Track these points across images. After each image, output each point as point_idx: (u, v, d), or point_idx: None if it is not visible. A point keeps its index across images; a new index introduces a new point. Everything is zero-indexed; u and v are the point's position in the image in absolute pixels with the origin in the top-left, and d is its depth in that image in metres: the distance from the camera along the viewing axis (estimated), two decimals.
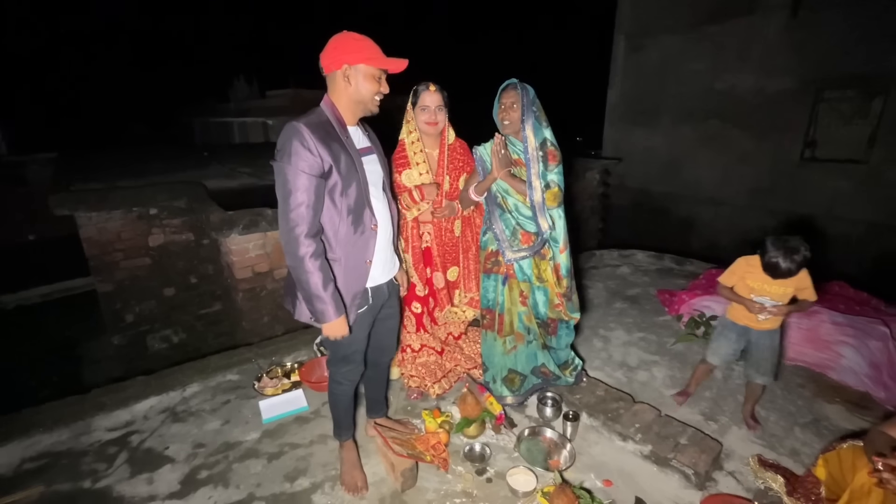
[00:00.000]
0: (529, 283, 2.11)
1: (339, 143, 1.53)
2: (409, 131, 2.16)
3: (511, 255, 2.05)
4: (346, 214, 1.55)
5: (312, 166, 1.46)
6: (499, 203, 2.07)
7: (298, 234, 1.46)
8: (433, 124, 2.09)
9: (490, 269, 2.15)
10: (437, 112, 2.08)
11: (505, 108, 2.00)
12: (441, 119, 2.10)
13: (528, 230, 2.05)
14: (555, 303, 2.13)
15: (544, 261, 2.10)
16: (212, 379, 2.56)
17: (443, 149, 2.19)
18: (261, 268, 3.30)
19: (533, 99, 1.98)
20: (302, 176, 1.45)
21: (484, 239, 2.17)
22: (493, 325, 2.17)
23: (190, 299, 4.09)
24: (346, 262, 1.58)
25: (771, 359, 2.07)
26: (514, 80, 2.02)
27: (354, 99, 1.57)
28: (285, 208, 1.46)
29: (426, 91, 2.08)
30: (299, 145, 1.45)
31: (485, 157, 2.08)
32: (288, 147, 1.45)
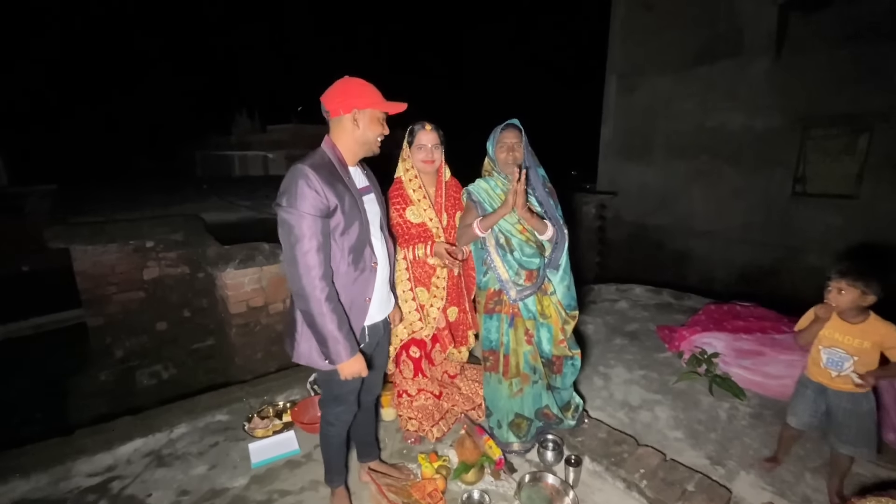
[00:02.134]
0: (534, 321, 2.09)
1: (342, 183, 1.55)
2: (405, 169, 2.18)
3: (516, 294, 2.04)
4: (347, 253, 1.56)
5: (319, 207, 1.47)
6: (501, 244, 2.06)
7: (313, 278, 1.46)
8: (430, 163, 2.11)
9: (492, 309, 2.12)
10: (433, 150, 2.11)
11: (507, 146, 2.03)
12: (438, 157, 2.12)
13: (530, 268, 2.05)
14: (559, 339, 2.11)
15: (546, 296, 2.09)
16: (200, 419, 2.46)
17: (440, 186, 2.21)
18: (256, 302, 3.26)
19: (527, 140, 2.03)
20: (309, 219, 1.46)
21: (484, 279, 2.15)
22: (498, 367, 2.13)
23: (182, 333, 4.01)
24: (345, 301, 1.58)
25: (856, 425, 1.75)
26: (514, 121, 2.06)
27: (360, 141, 1.62)
28: (295, 254, 1.46)
29: (422, 130, 2.10)
30: (305, 186, 1.46)
31: (481, 195, 2.09)
32: (294, 189, 1.46)
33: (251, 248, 3.09)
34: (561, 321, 2.09)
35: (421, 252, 2.12)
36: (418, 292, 2.19)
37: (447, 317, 2.28)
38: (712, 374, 2.72)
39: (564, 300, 2.11)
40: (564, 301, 2.11)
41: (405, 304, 2.16)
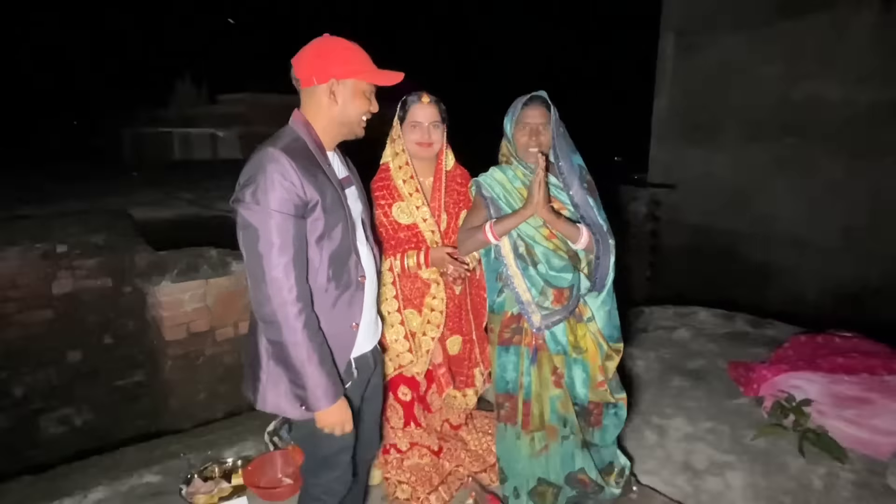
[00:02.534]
0: (565, 356, 2.08)
1: (322, 172, 1.55)
2: (394, 153, 2.19)
3: (541, 320, 2.03)
4: (328, 264, 1.56)
5: (295, 204, 1.46)
6: (521, 253, 2.06)
7: (287, 299, 1.45)
8: (426, 145, 2.11)
9: (509, 339, 2.12)
10: (431, 130, 2.11)
11: (530, 128, 2.03)
12: (436, 139, 2.13)
13: (559, 286, 2.04)
14: (598, 380, 2.09)
15: (581, 323, 2.08)
16: (124, 481, 2.46)
17: (439, 176, 2.21)
18: (198, 326, 3.28)
19: (558, 118, 2.03)
20: (281, 219, 1.44)
21: (498, 300, 2.15)
22: (515, 417, 2.13)
23: (102, 366, 4.02)
24: (326, 327, 1.58)
25: None
26: (541, 93, 2.06)
27: (339, 120, 1.61)
28: (262, 268, 1.44)
29: (417, 103, 2.11)
30: (279, 178, 1.44)
31: (494, 189, 2.09)
32: (261, 180, 1.44)
33: (194, 255, 3.11)
34: (601, 356, 2.08)
35: (412, 262, 2.12)
36: (407, 315, 2.19)
37: (446, 349, 2.28)
38: (803, 427, 2.69)
39: (605, 329, 2.10)
40: (606, 330, 2.10)
41: (390, 330, 2.16)
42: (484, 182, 2.12)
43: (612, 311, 2.13)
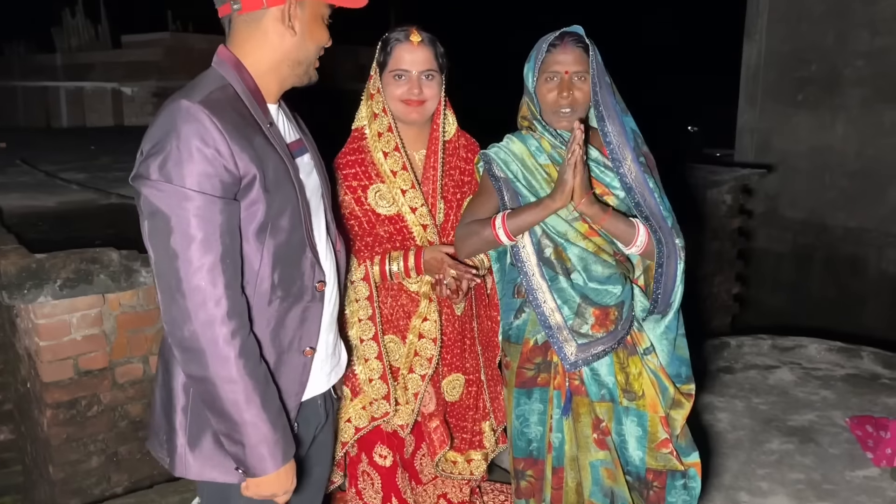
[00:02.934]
0: (611, 403, 2.09)
1: (261, 134, 1.55)
2: (371, 114, 2.21)
3: (576, 352, 2.04)
4: (272, 265, 1.57)
5: (222, 180, 1.44)
6: (548, 257, 2.06)
7: (215, 316, 1.44)
8: (416, 104, 2.13)
9: (532, 379, 2.13)
10: (422, 82, 2.12)
11: (560, 79, 2.02)
12: (430, 94, 2.14)
13: (603, 303, 2.05)
14: (660, 438, 2.10)
15: (635, 357, 2.09)
16: None
17: (434, 148, 2.22)
18: (91, 361, 3.27)
19: (602, 63, 2.03)
20: (204, 203, 1.42)
21: (516, 323, 2.16)
22: (542, 492, 2.14)
23: None
24: (268, 356, 1.59)
25: None
26: (576, 28, 2.05)
27: (295, 57, 1.62)
28: (177, 271, 1.43)
29: (404, 43, 2.12)
30: (197, 143, 1.42)
31: (510, 167, 2.10)
32: (173, 148, 1.42)
33: (86, 260, 3.10)
34: (664, 404, 2.09)
35: (396, 267, 2.13)
36: (388, 345, 2.20)
37: (441, 393, 2.28)
38: None
39: (671, 365, 2.11)
40: (671, 367, 2.11)
41: (363, 366, 2.17)
42: (495, 157, 2.11)
43: (680, 341, 2.14)
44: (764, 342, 4.38)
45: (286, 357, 1.62)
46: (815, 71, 7.09)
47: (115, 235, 3.60)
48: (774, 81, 7.44)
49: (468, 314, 2.32)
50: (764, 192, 7.22)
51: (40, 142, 8.41)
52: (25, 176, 5.53)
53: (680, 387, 2.12)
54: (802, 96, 7.23)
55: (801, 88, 7.23)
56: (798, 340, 4.37)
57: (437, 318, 2.21)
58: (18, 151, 6.80)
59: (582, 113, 2.06)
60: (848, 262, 6.97)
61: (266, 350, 1.57)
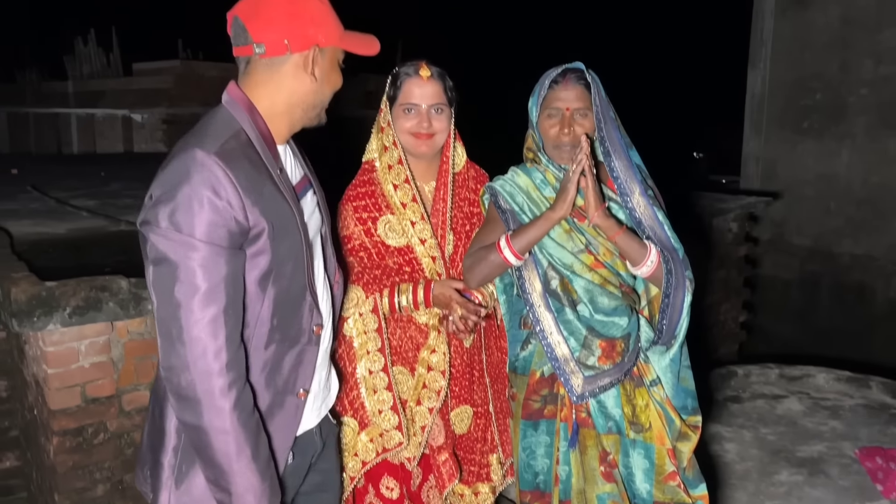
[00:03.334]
0: (618, 436, 2.09)
1: (271, 184, 1.55)
2: (382, 147, 2.23)
3: (583, 385, 2.04)
4: (272, 312, 1.58)
5: (231, 232, 1.45)
6: (554, 289, 2.08)
7: (213, 368, 1.44)
8: (425, 138, 2.16)
9: (538, 411, 2.13)
10: (432, 116, 2.15)
11: (562, 116, 2.05)
12: (440, 128, 2.17)
13: (609, 335, 2.05)
14: (667, 470, 2.09)
15: (642, 388, 2.09)
16: None
17: (444, 180, 2.24)
18: (99, 389, 3.27)
19: (607, 99, 2.06)
20: (211, 254, 1.42)
21: (522, 354, 2.17)
22: None
23: None
24: (263, 397, 1.60)
25: None
26: (578, 65, 2.08)
27: (309, 102, 1.64)
28: (179, 320, 1.43)
29: (413, 78, 2.15)
30: (209, 194, 1.42)
31: (515, 199, 2.12)
32: (184, 197, 1.42)
33: (95, 288, 3.11)
34: (671, 436, 2.08)
35: (405, 300, 2.14)
36: (396, 375, 2.20)
37: (450, 426, 2.27)
38: None
39: (676, 397, 2.11)
40: (676, 399, 2.11)
41: (372, 398, 2.16)
42: (501, 190, 2.13)
43: (684, 372, 2.13)
44: (771, 371, 4.37)
45: (280, 399, 1.63)
46: (820, 99, 7.12)
47: (125, 262, 3.61)
48: (779, 109, 7.46)
49: (477, 346, 2.31)
50: (770, 219, 7.22)
51: (51, 168, 8.46)
52: (36, 202, 5.56)
53: (686, 419, 2.12)
54: (807, 124, 7.25)
55: (806, 116, 7.25)
56: (806, 370, 4.35)
57: (446, 350, 2.21)
58: (30, 178, 6.84)
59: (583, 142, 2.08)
60: (855, 289, 6.94)
61: (261, 392, 1.58)
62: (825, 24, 7.05)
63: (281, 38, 1.54)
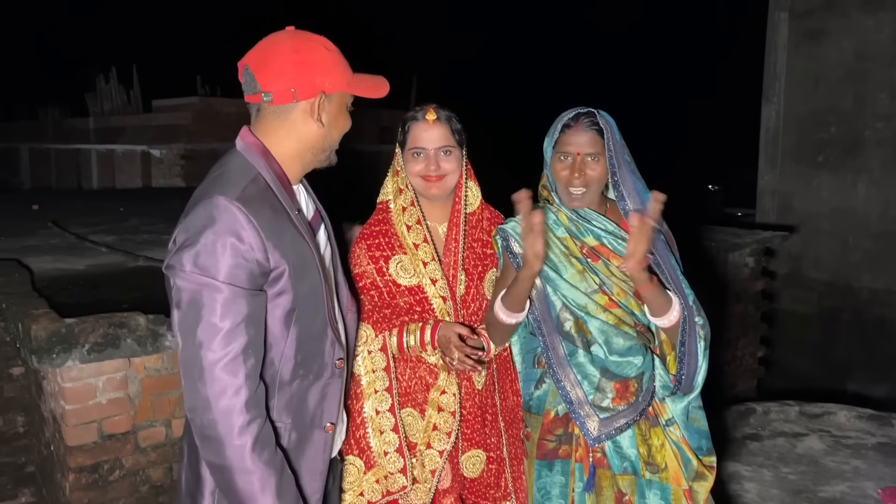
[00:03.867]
0: (634, 477, 2.07)
1: (291, 226, 1.60)
2: (397, 189, 2.25)
3: (598, 427, 2.03)
4: (296, 348, 1.62)
5: (252, 274, 1.50)
6: (567, 331, 2.08)
7: (234, 406, 1.47)
8: (435, 179, 2.16)
9: (553, 451, 2.12)
10: (440, 158, 2.16)
11: (573, 161, 2.05)
12: (449, 169, 2.17)
13: (624, 375, 2.05)
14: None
15: (657, 428, 2.08)
16: None
17: (455, 220, 2.24)
18: (115, 425, 3.27)
19: (622, 143, 2.06)
20: (233, 296, 1.47)
21: (537, 394, 2.16)
22: None
23: None
24: (291, 433, 1.64)
25: None
26: (589, 110, 2.08)
27: (321, 146, 1.69)
28: (200, 360, 1.47)
29: (420, 122, 2.16)
30: (232, 239, 1.48)
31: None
32: (208, 242, 1.47)
33: (113, 324, 3.13)
34: (687, 476, 2.06)
35: (413, 340, 2.13)
36: (405, 418, 2.18)
37: (458, 468, 2.23)
38: None
39: (692, 437, 2.09)
40: (692, 438, 2.09)
41: (378, 438, 2.14)
42: (512, 232, 2.13)
43: (694, 413, 2.12)
44: (791, 408, 4.31)
45: (308, 434, 1.66)
46: (835, 133, 7.11)
47: (142, 299, 3.64)
48: (794, 143, 7.45)
49: (490, 388, 2.28)
50: (787, 253, 7.17)
51: (72, 203, 8.55)
52: (57, 238, 5.62)
53: (704, 458, 2.10)
54: (823, 158, 7.23)
55: (821, 150, 7.24)
56: (826, 407, 4.29)
57: (457, 392, 2.19)
58: (51, 213, 6.93)
59: (596, 192, 2.09)
60: (875, 324, 6.87)
61: (288, 428, 1.62)
62: (839, 59, 7.07)
63: (288, 87, 1.59)
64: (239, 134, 1.68)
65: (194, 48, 25.17)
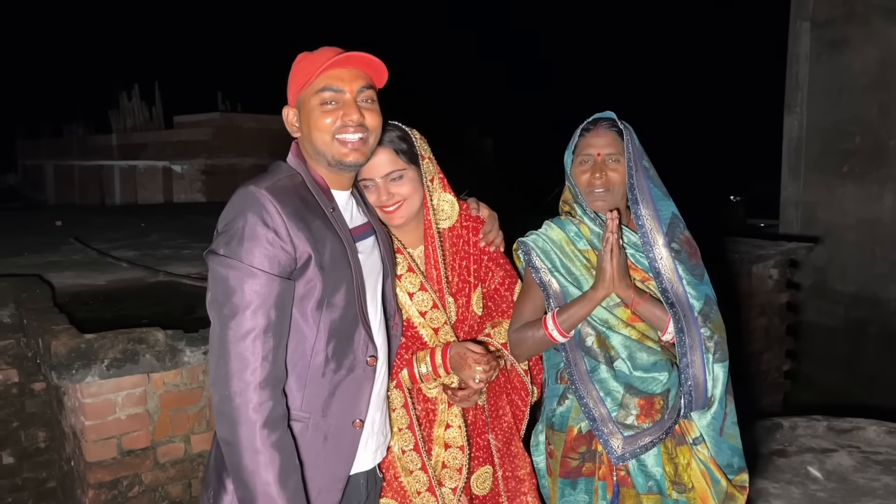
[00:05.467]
0: (660, 496, 2.05)
1: (321, 219, 1.69)
2: None
3: (622, 445, 2.02)
4: (327, 338, 1.68)
5: (279, 260, 1.59)
6: (590, 347, 2.06)
7: (249, 383, 1.54)
8: (393, 209, 2.05)
9: (577, 469, 2.11)
10: (389, 185, 2.04)
11: (593, 161, 2.05)
12: (405, 193, 2.06)
13: (649, 392, 2.03)
14: None
15: (684, 446, 2.06)
16: None
17: (430, 243, 2.14)
18: (135, 441, 3.28)
19: (641, 149, 2.07)
20: (262, 279, 1.57)
21: (559, 410, 2.15)
22: None
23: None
24: (318, 427, 1.68)
25: None
26: (609, 114, 2.10)
27: (310, 150, 1.79)
28: (225, 336, 1.57)
29: None
30: (259, 224, 1.59)
31: (549, 256, 2.11)
32: (240, 228, 1.60)
33: (133, 340, 3.14)
34: (715, 497, 2.03)
35: (425, 368, 2.07)
36: None
37: (470, 490, 2.19)
38: None
39: (721, 454, 2.06)
40: (721, 456, 2.06)
41: (408, 478, 2.10)
42: (534, 245, 2.12)
43: (730, 428, 2.08)
44: (819, 424, 4.25)
45: (336, 429, 1.70)
46: (860, 143, 7.04)
47: (161, 314, 3.66)
48: (817, 153, 7.40)
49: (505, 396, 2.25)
50: (812, 264, 7.11)
51: (94, 219, 8.64)
52: (78, 254, 5.68)
53: (733, 478, 2.06)
54: (847, 168, 7.17)
55: (845, 160, 7.17)
56: (856, 422, 4.23)
57: (461, 423, 2.14)
58: (73, 229, 7.00)
59: (618, 194, 2.07)
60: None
61: (317, 420, 1.68)
62: (862, 68, 7.01)
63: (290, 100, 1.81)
64: None
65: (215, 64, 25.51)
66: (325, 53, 1.73)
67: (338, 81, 1.71)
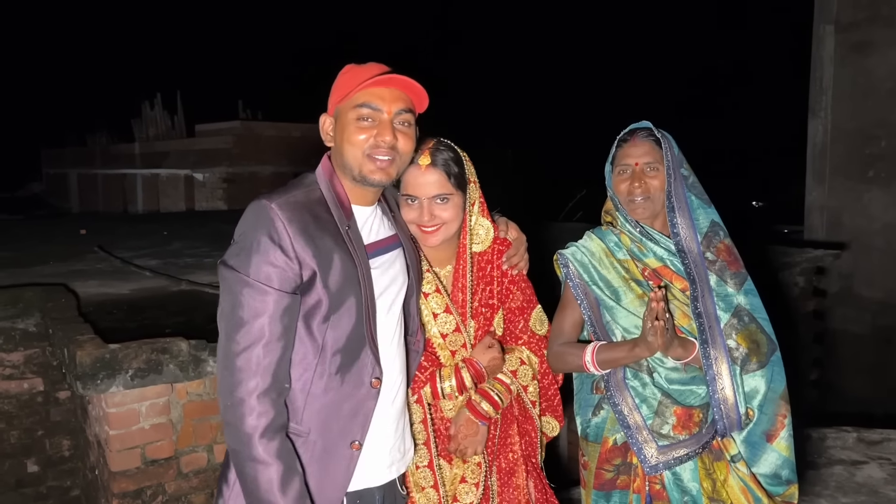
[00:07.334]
0: None
1: (333, 236, 1.68)
2: None
3: (657, 455, 1.98)
4: (331, 356, 1.68)
5: (283, 275, 1.60)
6: None
7: (246, 393, 1.57)
8: (431, 231, 2.01)
9: (611, 481, 2.09)
10: (434, 206, 1.99)
11: (632, 171, 2.06)
12: (447, 217, 2.01)
13: (686, 403, 2.01)
14: None
15: (721, 461, 2.02)
16: None
17: (461, 264, 2.11)
18: (158, 450, 3.28)
19: (680, 157, 2.07)
20: (262, 293, 1.59)
21: (594, 421, 2.13)
22: None
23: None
24: (317, 443, 1.69)
25: None
26: (645, 123, 2.11)
27: (339, 163, 1.78)
28: (229, 347, 1.60)
29: (413, 167, 1.97)
30: (266, 240, 1.60)
31: (589, 271, 2.10)
32: (247, 240, 1.62)
33: (157, 349, 3.15)
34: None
35: (448, 386, 2.02)
36: (443, 470, 2.10)
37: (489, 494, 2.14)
38: None
39: (765, 464, 2.01)
40: (765, 466, 2.01)
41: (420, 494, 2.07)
42: (572, 258, 2.12)
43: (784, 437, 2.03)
44: (849, 435, 4.18)
45: (333, 447, 1.70)
46: (886, 147, 6.95)
47: (184, 324, 3.66)
48: (842, 158, 7.31)
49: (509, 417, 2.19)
50: (837, 271, 7.02)
51: (117, 227, 8.71)
52: (103, 263, 5.72)
53: (778, 496, 2.02)
54: (873, 173, 7.07)
55: (871, 165, 7.08)
56: (886, 433, 4.16)
57: (482, 460, 2.09)
58: (97, 237, 7.06)
59: (658, 202, 2.07)
60: None
61: (314, 437, 1.68)
62: (888, 71, 6.92)
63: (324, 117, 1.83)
64: None
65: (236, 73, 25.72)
66: (370, 69, 1.73)
67: (377, 100, 1.71)
